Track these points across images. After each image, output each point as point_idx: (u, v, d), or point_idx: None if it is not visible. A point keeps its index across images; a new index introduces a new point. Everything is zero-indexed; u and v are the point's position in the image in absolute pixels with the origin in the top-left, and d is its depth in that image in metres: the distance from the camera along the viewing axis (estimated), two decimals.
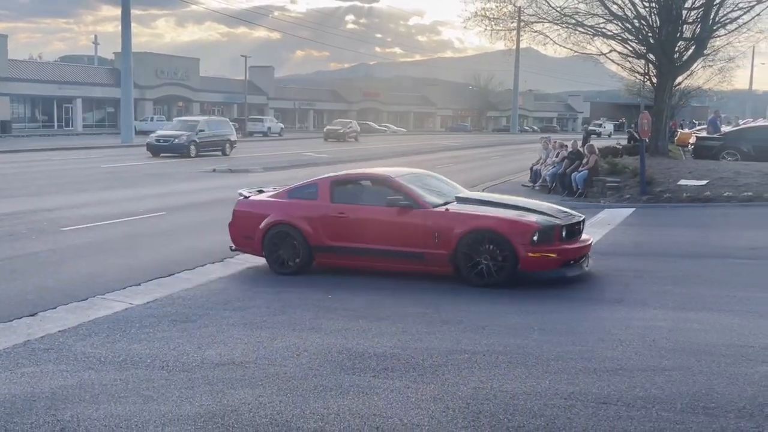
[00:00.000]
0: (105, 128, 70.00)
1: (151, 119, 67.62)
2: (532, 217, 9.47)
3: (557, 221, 9.49)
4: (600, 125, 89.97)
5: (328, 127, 65.55)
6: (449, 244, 9.30)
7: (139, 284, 9.36)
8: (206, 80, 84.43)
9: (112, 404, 5.23)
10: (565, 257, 9.31)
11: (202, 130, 37.07)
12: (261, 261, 11.03)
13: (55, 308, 8.13)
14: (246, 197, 10.90)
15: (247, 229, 10.52)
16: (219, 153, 37.96)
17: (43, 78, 65.27)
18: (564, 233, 9.37)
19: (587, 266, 9.82)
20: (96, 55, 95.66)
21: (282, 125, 76.43)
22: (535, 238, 9.01)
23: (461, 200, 10.26)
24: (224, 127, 40.12)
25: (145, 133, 60.95)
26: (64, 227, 13.68)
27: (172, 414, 5.03)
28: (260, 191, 11.22)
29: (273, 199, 10.69)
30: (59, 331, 7.22)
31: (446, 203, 9.96)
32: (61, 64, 79.14)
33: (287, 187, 10.96)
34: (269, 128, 71.05)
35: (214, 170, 27.98)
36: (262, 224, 10.31)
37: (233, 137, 40.15)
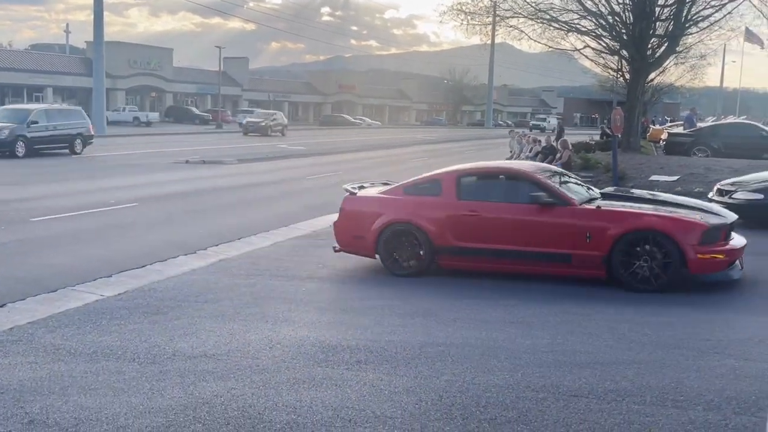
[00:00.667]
0: None
1: (123, 109, 67.04)
2: (696, 215, 8.80)
3: (723, 220, 8.91)
4: (544, 119, 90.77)
5: (247, 119, 57.03)
6: (603, 245, 8.56)
7: (111, 276, 9.27)
8: (180, 71, 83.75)
9: (82, 396, 5.18)
10: (732, 258, 8.69)
11: (36, 122, 28.75)
12: (233, 253, 10.98)
13: (24, 299, 8.02)
14: (353, 193, 10.08)
15: (356, 228, 9.75)
16: (66, 151, 30.11)
17: (13, 66, 64.31)
18: (729, 233, 8.81)
19: (742, 268, 9.07)
20: (67, 44, 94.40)
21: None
22: (703, 237, 8.40)
23: (606, 196, 9.68)
24: (73, 118, 31.31)
25: (117, 123, 60.59)
26: (33, 218, 13.50)
27: (143, 406, 5.00)
28: (362, 187, 10.44)
29: (388, 196, 9.85)
30: (28, 323, 7.12)
31: (592, 199, 9.33)
32: (32, 53, 78.00)
33: (401, 183, 10.10)
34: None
35: (187, 161, 27.78)
36: (377, 223, 9.52)
37: (87, 131, 31.59)
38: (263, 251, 11.32)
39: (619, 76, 31.14)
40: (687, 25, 26.52)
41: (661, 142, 32.70)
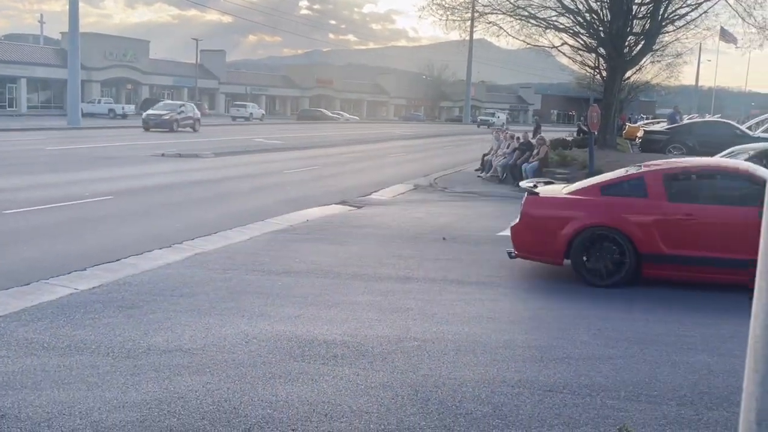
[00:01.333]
0: (51, 110, 68.38)
1: (99, 101, 66.36)
2: None
3: None
4: (493, 114, 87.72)
5: (148, 111, 48.16)
6: None
7: (85, 269, 9.18)
8: (156, 63, 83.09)
9: (55, 391, 5.12)
10: None
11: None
12: (209, 247, 10.91)
13: None
14: (534, 193, 9.30)
15: (541, 232, 9.05)
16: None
17: None
18: None
19: None
20: (42, 35, 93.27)
21: (263, 111, 79.89)
22: None
23: None
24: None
25: (93, 115, 60.01)
26: (6, 210, 13.33)
27: (117, 401, 4.95)
28: (549, 182, 9.74)
29: (582, 197, 9.08)
30: (0, 317, 7.03)
31: None
32: (5, 43, 76.88)
33: (595, 182, 9.42)
34: (251, 114, 74.38)
35: (163, 155, 27.57)
36: (569, 227, 8.78)
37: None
38: (239, 245, 11.26)
39: (596, 73, 31.37)
40: (663, 24, 26.75)
41: (637, 139, 32.96)
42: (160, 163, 25.04)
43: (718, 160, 10.63)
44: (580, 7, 26.71)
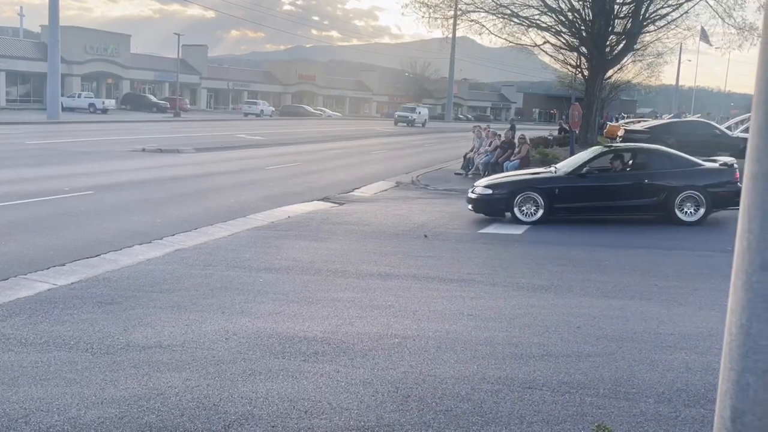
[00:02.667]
0: (30, 103, 67.69)
1: (79, 95, 65.76)
2: None
3: None
4: (413, 110, 75.87)
5: None
6: None
7: (64, 264, 9.11)
8: (137, 57, 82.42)
9: (32, 387, 5.08)
10: None
11: None
12: (190, 243, 10.86)
13: None
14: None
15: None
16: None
17: None
18: None
19: None
20: (21, 27, 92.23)
21: (273, 108, 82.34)
22: None
23: None
24: None
25: (72, 109, 59.51)
26: None
27: (95, 397, 4.92)
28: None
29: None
30: None
31: None
32: None
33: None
34: (262, 111, 78.61)
35: (143, 149, 27.39)
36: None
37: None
38: (220, 242, 11.22)
39: (577, 72, 31.53)
40: (645, 24, 26.95)
41: (617, 138, 33.15)
42: (140, 158, 24.87)
43: None
44: (563, 6, 26.88)
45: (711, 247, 11.59)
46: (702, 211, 13.34)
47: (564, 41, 28.77)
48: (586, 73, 28.88)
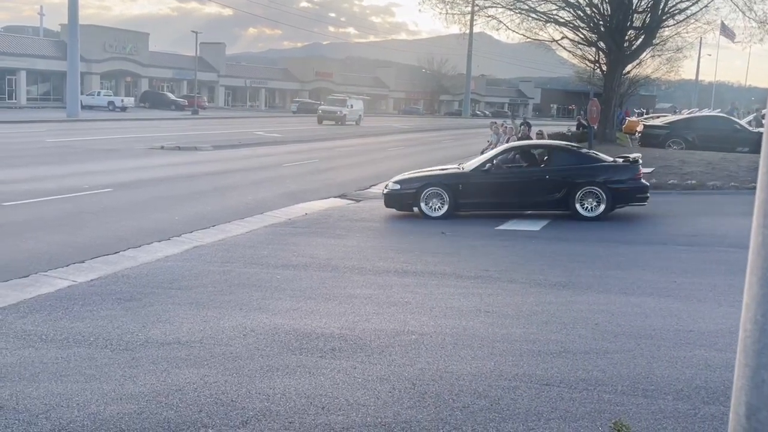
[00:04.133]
0: (50, 102, 68.26)
1: (98, 94, 66.25)
2: None
3: None
4: (343, 103, 60.30)
5: None
6: None
7: (83, 261, 9.18)
8: (156, 55, 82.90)
9: (52, 383, 5.13)
10: None
11: None
12: (208, 240, 10.92)
13: None
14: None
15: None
16: None
17: None
18: None
19: None
20: (42, 26, 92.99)
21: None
22: None
23: None
24: None
25: (91, 107, 59.93)
26: (5, 202, 13.32)
27: (114, 393, 4.96)
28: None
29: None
30: None
31: None
32: (5, 35, 76.64)
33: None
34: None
35: (162, 147, 27.55)
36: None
37: None
38: (238, 238, 11.27)
39: (596, 67, 31.31)
40: (664, 18, 26.71)
41: (636, 134, 32.94)
42: (159, 155, 25.01)
43: None
44: (581, 1, 26.67)
45: (730, 243, 11.49)
46: (603, 206, 13.43)
47: (582, 36, 28.60)
48: (604, 68, 28.68)
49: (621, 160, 14.22)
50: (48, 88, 71.16)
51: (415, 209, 13.95)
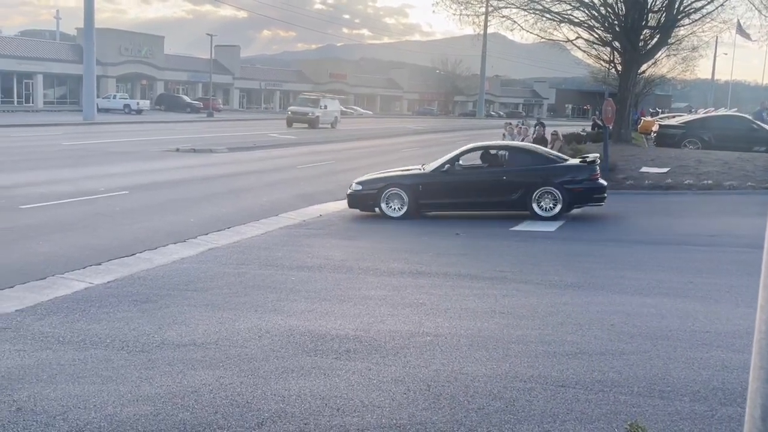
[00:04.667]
0: (66, 105, 68.77)
1: (114, 97, 66.67)
2: None
3: None
4: (315, 102, 53.46)
5: None
6: None
7: (100, 264, 9.24)
8: (171, 58, 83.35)
9: (70, 384, 5.17)
10: None
11: None
12: (223, 242, 10.96)
13: (12, 287, 7.98)
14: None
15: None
16: None
17: (3, 52, 63.81)
18: None
19: None
20: (58, 30, 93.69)
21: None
22: None
23: None
24: None
25: (107, 110, 60.30)
26: (22, 205, 13.43)
27: (131, 394, 4.99)
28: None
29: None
30: (16, 311, 7.10)
31: None
32: (22, 39, 77.36)
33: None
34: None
35: (177, 150, 27.68)
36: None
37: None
38: (253, 240, 11.30)
39: (611, 67, 31.16)
40: (679, 17, 26.55)
41: (652, 134, 32.76)
42: (174, 158, 25.13)
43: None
44: (595, 0, 26.55)
45: (747, 244, 11.40)
46: (559, 207, 13.50)
47: (597, 36, 28.46)
48: (619, 68, 28.53)
49: (579, 160, 14.34)
50: (64, 92, 71.68)
51: (377, 209, 14.13)
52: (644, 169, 19.70)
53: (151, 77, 78.69)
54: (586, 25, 27.72)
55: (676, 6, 25.90)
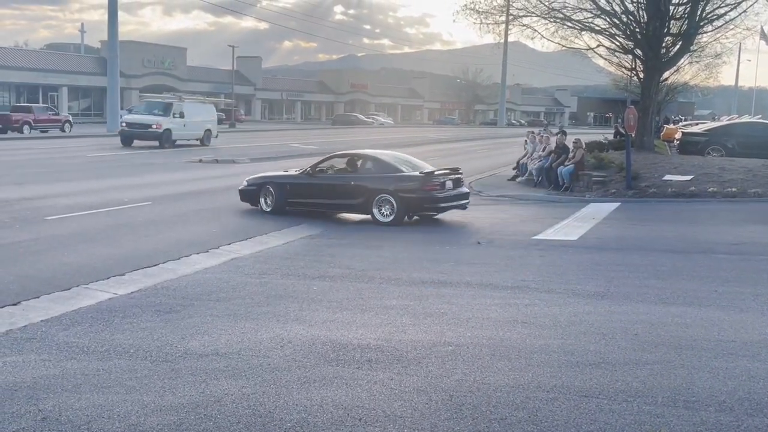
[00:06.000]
0: (91, 117, 69.53)
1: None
2: None
3: None
4: (166, 110, 36.36)
5: None
6: None
7: (124, 274, 9.32)
8: (193, 70, 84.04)
9: (94, 394, 5.21)
10: None
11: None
12: (246, 251, 11.01)
13: (38, 297, 8.08)
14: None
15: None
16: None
17: (28, 66, 64.76)
18: None
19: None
20: (83, 44, 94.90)
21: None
22: None
23: None
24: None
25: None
26: (47, 216, 13.59)
27: (154, 404, 5.02)
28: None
29: None
30: (42, 321, 7.18)
31: None
32: (47, 52, 78.48)
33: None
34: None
35: (200, 160, 27.88)
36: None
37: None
38: (275, 250, 11.35)
39: (633, 75, 30.95)
40: (701, 24, 26.33)
41: (675, 141, 32.49)
42: (197, 169, 25.32)
43: None
44: (616, 8, 26.43)
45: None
46: (394, 214, 14.21)
47: (618, 44, 28.27)
48: (641, 75, 28.35)
49: (419, 172, 14.76)
50: (89, 104, 72.51)
51: (257, 205, 15.70)
52: (667, 177, 19.55)
53: (174, 89, 79.15)
54: (607, 33, 27.57)
55: (699, 13, 25.70)
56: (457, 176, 14.78)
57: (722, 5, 26.16)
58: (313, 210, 15.31)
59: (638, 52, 27.24)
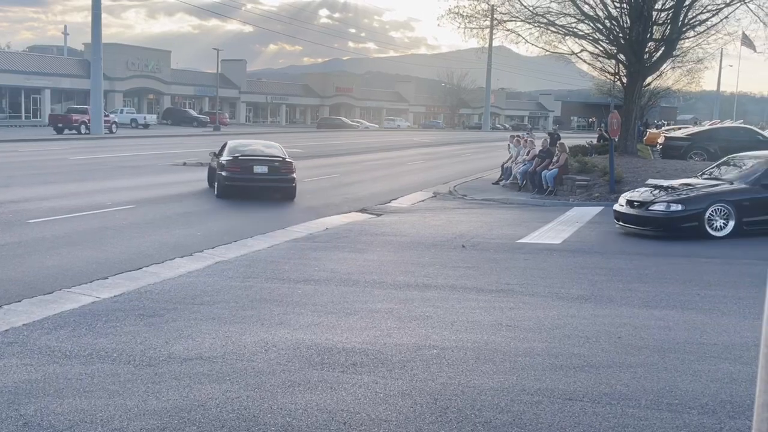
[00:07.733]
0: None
1: (121, 111, 66.96)
2: None
3: None
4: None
5: None
6: None
7: (107, 278, 9.26)
8: (177, 73, 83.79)
9: (76, 399, 5.17)
10: None
11: None
12: (230, 255, 10.97)
13: (20, 301, 8.01)
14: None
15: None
16: None
17: (10, 68, 64.21)
18: None
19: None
20: (66, 46, 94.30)
21: (408, 123, 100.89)
22: None
23: None
24: None
25: (115, 125, 60.49)
26: (30, 219, 13.49)
27: (137, 409, 4.99)
28: None
29: None
30: (24, 325, 7.11)
31: None
32: (30, 54, 77.90)
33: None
34: (399, 125, 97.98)
35: (184, 163, 27.77)
36: None
37: None
38: (260, 254, 11.32)
39: (616, 79, 31.15)
40: (684, 30, 26.54)
41: (657, 145, 32.72)
42: (181, 172, 25.21)
43: None
44: (600, 13, 26.59)
45: (755, 256, 11.38)
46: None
47: (601, 49, 28.45)
48: (624, 80, 28.53)
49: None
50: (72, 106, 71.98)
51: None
52: (650, 181, 19.66)
53: (158, 92, 79.06)
54: (590, 38, 27.74)
55: (681, 19, 25.90)
56: None
57: (704, 11, 26.40)
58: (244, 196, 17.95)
59: (621, 57, 27.42)
